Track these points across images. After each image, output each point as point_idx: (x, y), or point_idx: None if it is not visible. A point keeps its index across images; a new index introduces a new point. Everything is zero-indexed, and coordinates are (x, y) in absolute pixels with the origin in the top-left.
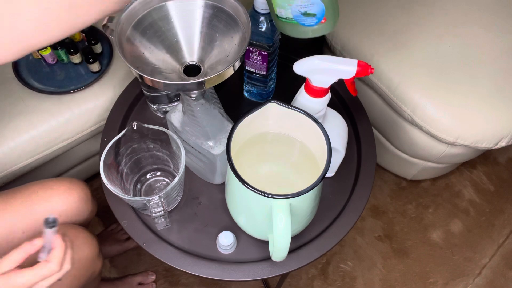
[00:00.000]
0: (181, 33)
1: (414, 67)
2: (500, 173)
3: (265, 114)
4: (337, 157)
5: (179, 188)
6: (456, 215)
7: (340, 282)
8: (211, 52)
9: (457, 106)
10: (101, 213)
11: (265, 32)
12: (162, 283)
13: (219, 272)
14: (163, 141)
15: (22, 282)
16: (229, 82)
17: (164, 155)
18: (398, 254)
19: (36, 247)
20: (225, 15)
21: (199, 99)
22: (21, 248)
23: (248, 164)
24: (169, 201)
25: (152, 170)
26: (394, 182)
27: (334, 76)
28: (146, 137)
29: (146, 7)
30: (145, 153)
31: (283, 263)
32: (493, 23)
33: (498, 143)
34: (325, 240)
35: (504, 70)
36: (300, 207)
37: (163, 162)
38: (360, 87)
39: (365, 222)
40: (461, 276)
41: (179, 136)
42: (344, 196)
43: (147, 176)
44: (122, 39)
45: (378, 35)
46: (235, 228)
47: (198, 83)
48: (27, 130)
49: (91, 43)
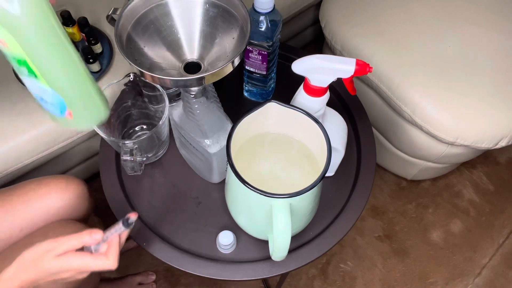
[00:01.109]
0: (182, 30)
1: (414, 67)
2: (500, 173)
3: (265, 113)
4: (337, 157)
5: (157, 142)
6: (456, 215)
7: (340, 282)
8: (211, 50)
9: (457, 106)
10: (101, 213)
11: (265, 32)
12: (162, 283)
13: (219, 272)
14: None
15: (78, 264)
16: (229, 81)
17: (153, 112)
18: (398, 254)
19: (95, 241)
20: (225, 12)
21: (198, 97)
22: (80, 236)
23: (248, 164)
24: (146, 149)
25: (139, 124)
26: (394, 182)
27: (332, 75)
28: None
29: (147, 4)
30: (136, 109)
31: (283, 263)
32: (493, 22)
33: (498, 143)
34: (325, 240)
35: (504, 70)
36: (300, 207)
37: (152, 118)
38: (360, 87)
39: (365, 222)
40: (461, 276)
41: (179, 130)
42: (344, 196)
43: (136, 129)
44: (123, 35)
45: (378, 35)
46: (235, 227)
47: (198, 79)
48: (27, 130)
49: (91, 43)
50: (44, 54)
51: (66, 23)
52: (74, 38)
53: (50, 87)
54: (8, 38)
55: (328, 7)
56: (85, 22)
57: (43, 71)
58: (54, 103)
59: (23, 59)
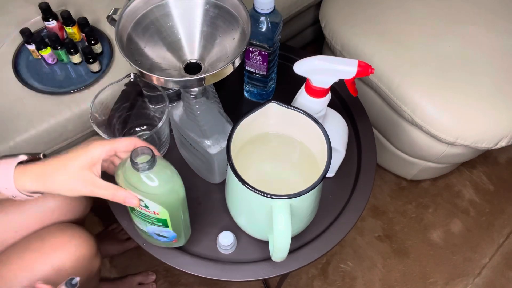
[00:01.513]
0: (183, 31)
1: (414, 67)
2: (500, 173)
3: (265, 114)
4: (337, 157)
5: (158, 142)
6: (456, 215)
7: (340, 282)
8: (211, 50)
9: (457, 106)
10: (101, 213)
11: (265, 32)
12: (162, 283)
13: (219, 272)
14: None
15: None
16: (229, 82)
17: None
18: (398, 254)
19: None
20: (226, 13)
21: (198, 97)
22: None
23: (248, 165)
24: None
25: (140, 125)
26: (394, 182)
27: (334, 76)
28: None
29: (148, 4)
30: (136, 109)
31: (283, 263)
32: (493, 22)
33: (498, 143)
34: (325, 240)
35: (504, 70)
36: (300, 208)
37: (152, 118)
38: (360, 87)
39: (365, 222)
40: (461, 276)
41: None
42: (344, 196)
43: (136, 129)
44: (123, 36)
45: (378, 35)
46: (235, 228)
47: (198, 80)
48: (27, 130)
49: (91, 43)
50: (177, 214)
51: (66, 23)
52: (74, 38)
53: (172, 230)
54: (162, 211)
55: (328, 7)
56: (85, 22)
57: (173, 224)
58: (169, 237)
59: (165, 219)
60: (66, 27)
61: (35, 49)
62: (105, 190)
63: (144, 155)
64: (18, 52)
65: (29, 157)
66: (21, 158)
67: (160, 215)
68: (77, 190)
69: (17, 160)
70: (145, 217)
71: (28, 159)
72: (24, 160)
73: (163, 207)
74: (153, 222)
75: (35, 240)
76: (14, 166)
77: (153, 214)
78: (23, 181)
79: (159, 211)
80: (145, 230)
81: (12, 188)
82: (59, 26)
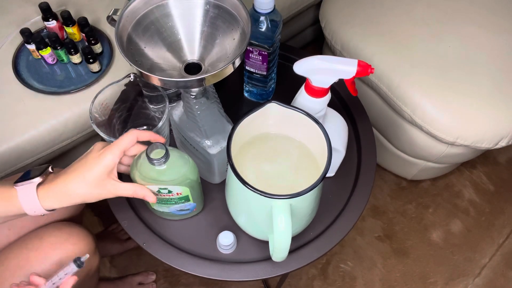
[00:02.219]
0: (183, 31)
1: (414, 67)
2: (500, 173)
3: (265, 114)
4: (337, 157)
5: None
6: (456, 215)
7: (340, 282)
8: (211, 50)
9: (457, 106)
10: (101, 213)
11: (265, 32)
12: (162, 283)
13: (219, 272)
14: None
15: None
16: (229, 82)
17: (153, 112)
18: (398, 254)
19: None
20: (226, 13)
21: (198, 98)
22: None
23: (248, 165)
24: None
25: (140, 125)
26: (394, 182)
27: (334, 76)
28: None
29: (148, 4)
30: (136, 109)
31: (283, 263)
32: (493, 22)
33: (498, 143)
34: (325, 240)
35: (504, 70)
36: (301, 208)
37: (152, 118)
38: (360, 87)
39: (365, 222)
40: (461, 276)
41: (179, 131)
42: (344, 196)
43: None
44: (123, 36)
45: (378, 35)
46: (235, 228)
47: (198, 80)
48: (27, 130)
49: (91, 43)
50: (196, 186)
51: (66, 23)
52: (74, 38)
53: (194, 202)
54: (184, 190)
55: (328, 7)
56: (85, 22)
57: (193, 195)
58: (190, 208)
59: (187, 195)
60: (66, 27)
61: (35, 49)
62: (127, 190)
63: (157, 149)
64: (18, 52)
65: (43, 178)
66: (37, 181)
67: (183, 193)
68: (102, 197)
69: (35, 185)
70: (168, 201)
71: (43, 180)
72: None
73: (185, 187)
74: (176, 202)
75: (33, 239)
76: (35, 191)
77: (176, 195)
78: (49, 203)
79: (181, 191)
80: (167, 211)
81: (40, 210)
82: (59, 26)
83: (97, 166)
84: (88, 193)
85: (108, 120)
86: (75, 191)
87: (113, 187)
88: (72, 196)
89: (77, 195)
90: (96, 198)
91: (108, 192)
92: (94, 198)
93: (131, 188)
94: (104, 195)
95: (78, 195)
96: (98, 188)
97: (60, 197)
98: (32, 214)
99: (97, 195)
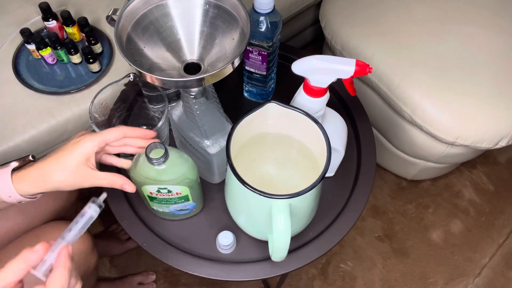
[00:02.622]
0: (182, 31)
1: (414, 67)
2: (500, 173)
3: (264, 114)
4: (337, 157)
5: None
6: (456, 215)
7: (340, 282)
8: (211, 50)
9: (457, 106)
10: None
11: (265, 32)
12: (162, 283)
13: (219, 272)
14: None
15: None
16: (229, 82)
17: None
18: (398, 254)
19: (38, 256)
20: (225, 13)
21: (198, 97)
22: (20, 256)
23: (248, 164)
24: None
25: (139, 125)
26: (394, 182)
27: (332, 75)
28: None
29: (147, 4)
30: (136, 109)
31: (283, 263)
32: (493, 22)
33: (498, 143)
34: (325, 240)
35: (504, 70)
36: (300, 207)
37: (152, 118)
38: (360, 87)
39: (365, 222)
40: (461, 276)
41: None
42: (344, 196)
43: None
44: (123, 36)
45: (378, 35)
46: (235, 228)
47: (198, 80)
48: (27, 130)
49: (91, 43)
50: (195, 185)
51: (66, 23)
52: (74, 38)
53: (193, 202)
54: (183, 189)
55: (328, 7)
56: (85, 22)
57: (193, 195)
58: (190, 208)
59: (186, 195)
60: (66, 27)
61: (35, 49)
62: (104, 179)
63: (156, 149)
64: (18, 52)
65: (20, 163)
66: (13, 165)
67: (182, 193)
68: (77, 185)
69: (10, 168)
70: (167, 201)
71: (20, 165)
72: (16, 167)
73: (184, 186)
74: (175, 202)
75: (30, 238)
76: (10, 175)
77: (175, 195)
78: (23, 187)
79: (181, 190)
80: (166, 211)
81: (15, 195)
82: (59, 26)
83: (75, 151)
84: (63, 179)
85: (108, 120)
86: (50, 176)
87: (89, 175)
88: (47, 181)
89: (52, 180)
90: (72, 185)
91: (83, 180)
92: (70, 185)
93: (107, 177)
94: (80, 182)
95: (53, 181)
96: (73, 174)
97: (34, 181)
98: (8, 200)
99: (72, 182)
